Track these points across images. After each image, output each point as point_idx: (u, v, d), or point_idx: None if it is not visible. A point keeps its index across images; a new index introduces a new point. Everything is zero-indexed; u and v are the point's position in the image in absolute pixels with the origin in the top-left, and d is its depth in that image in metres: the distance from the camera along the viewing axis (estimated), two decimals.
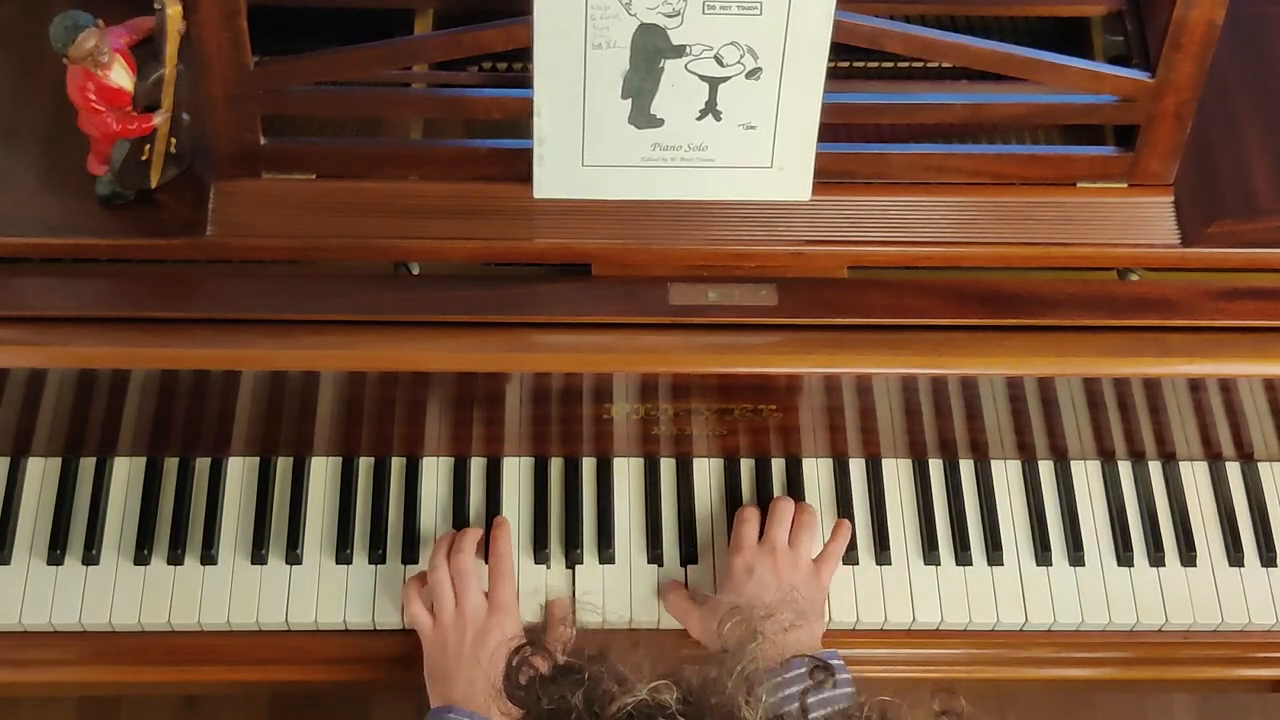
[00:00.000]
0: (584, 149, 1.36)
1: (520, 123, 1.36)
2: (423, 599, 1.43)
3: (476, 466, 1.55)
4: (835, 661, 1.36)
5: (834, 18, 1.28)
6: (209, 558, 1.49)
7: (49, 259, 1.38)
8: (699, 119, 1.34)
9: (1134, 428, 1.52)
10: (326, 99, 1.38)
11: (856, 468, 1.56)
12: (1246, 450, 1.57)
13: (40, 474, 1.52)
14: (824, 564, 1.48)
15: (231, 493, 1.52)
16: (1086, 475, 1.58)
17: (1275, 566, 1.54)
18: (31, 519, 1.50)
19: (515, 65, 1.51)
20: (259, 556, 1.49)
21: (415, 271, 1.42)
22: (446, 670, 1.38)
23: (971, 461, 1.57)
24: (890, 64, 1.54)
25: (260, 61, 1.33)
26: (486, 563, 1.47)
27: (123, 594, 1.47)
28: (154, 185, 1.38)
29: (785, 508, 1.50)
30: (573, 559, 1.50)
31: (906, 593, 1.51)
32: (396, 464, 1.55)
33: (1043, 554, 1.53)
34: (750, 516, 1.49)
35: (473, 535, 1.47)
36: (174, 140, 1.37)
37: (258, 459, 1.54)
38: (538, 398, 1.45)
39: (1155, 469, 1.58)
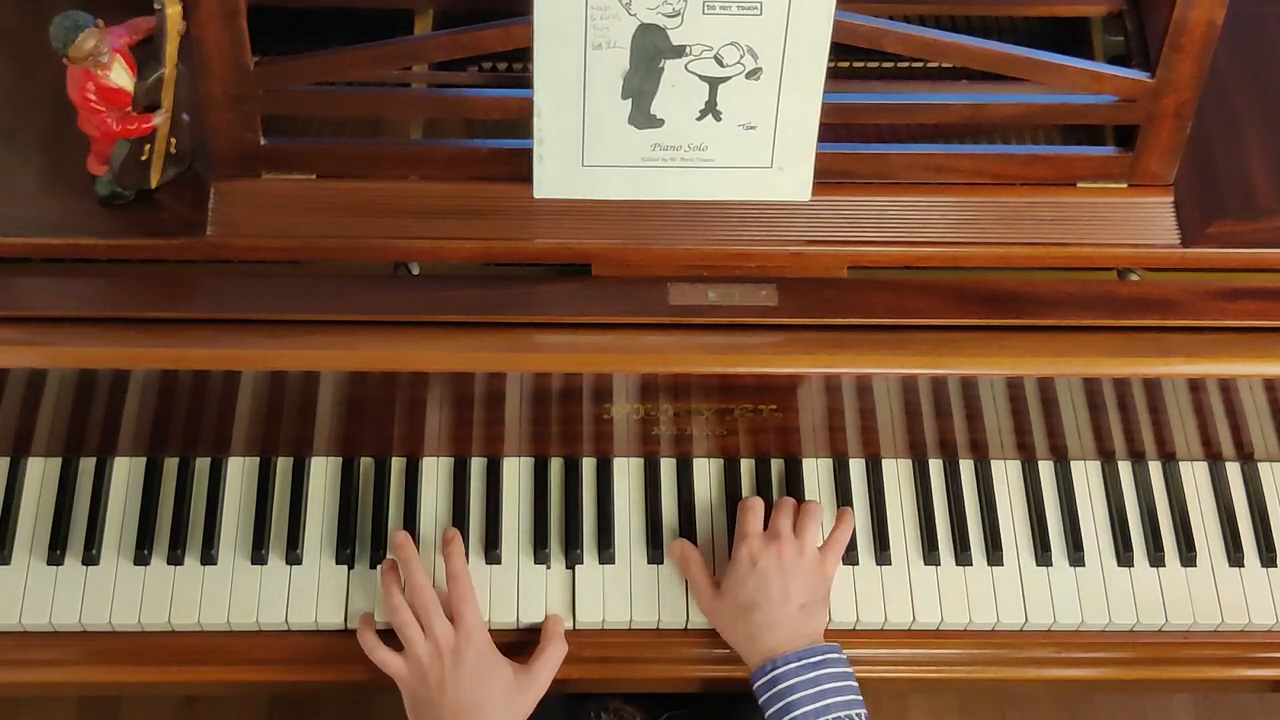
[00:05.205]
0: (584, 149, 1.36)
1: (520, 123, 1.36)
2: (385, 642, 1.42)
3: (476, 466, 1.54)
4: (834, 655, 1.37)
5: (834, 18, 1.28)
6: (209, 558, 1.49)
7: (49, 259, 1.39)
8: (699, 119, 1.34)
9: (1134, 428, 1.52)
10: (326, 99, 1.38)
11: (856, 468, 1.56)
12: (1246, 450, 1.57)
13: (40, 474, 1.52)
14: (828, 553, 1.47)
15: (231, 493, 1.52)
16: (1086, 475, 1.57)
17: (1275, 566, 1.54)
18: (31, 519, 1.50)
19: (515, 65, 1.51)
20: (259, 556, 1.49)
21: (415, 271, 1.42)
22: (431, 701, 1.37)
23: (971, 461, 1.57)
24: (890, 64, 1.54)
25: (260, 61, 1.33)
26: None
27: (123, 594, 1.47)
28: (154, 185, 1.38)
29: (789, 499, 1.50)
30: (573, 559, 1.50)
31: (906, 593, 1.51)
32: (396, 464, 1.54)
33: (1043, 554, 1.53)
34: (754, 505, 1.48)
35: (417, 562, 1.44)
36: (174, 140, 1.37)
37: (258, 459, 1.54)
38: (538, 398, 1.45)
39: (1155, 469, 1.58)
